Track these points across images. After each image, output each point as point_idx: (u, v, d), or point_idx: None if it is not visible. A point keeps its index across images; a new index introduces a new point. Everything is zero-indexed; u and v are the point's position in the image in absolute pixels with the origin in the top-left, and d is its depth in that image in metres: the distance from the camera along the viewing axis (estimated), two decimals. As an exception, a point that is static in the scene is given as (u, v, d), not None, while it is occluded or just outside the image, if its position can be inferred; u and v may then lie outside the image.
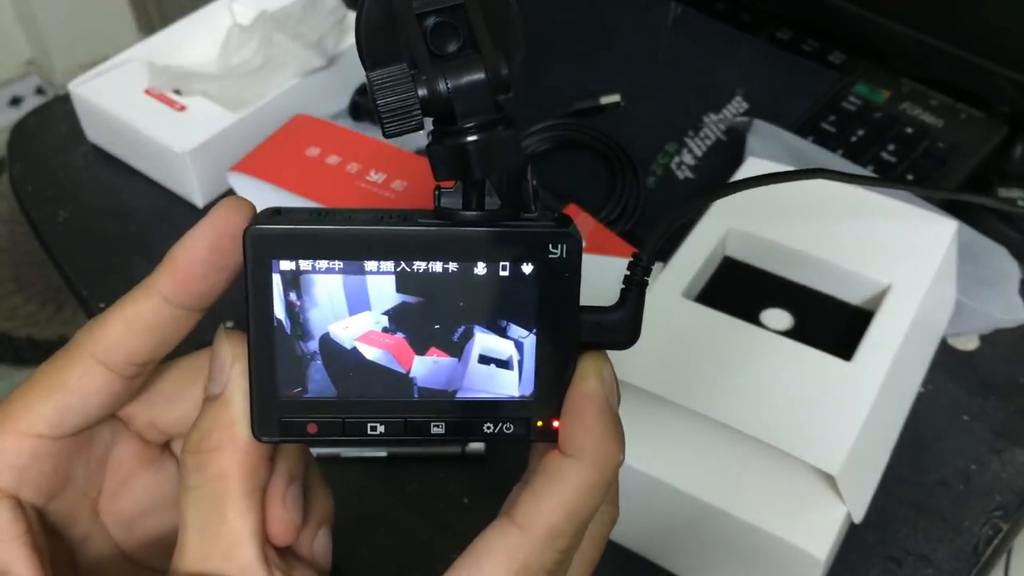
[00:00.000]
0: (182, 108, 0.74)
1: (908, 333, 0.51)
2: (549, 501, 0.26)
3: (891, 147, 0.71)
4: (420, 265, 0.28)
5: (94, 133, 0.79)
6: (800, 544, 0.46)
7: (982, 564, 0.53)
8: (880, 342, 0.51)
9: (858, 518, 0.48)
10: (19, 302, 1.80)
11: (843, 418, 0.47)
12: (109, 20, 2.09)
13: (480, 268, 0.28)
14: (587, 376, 0.28)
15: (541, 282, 0.28)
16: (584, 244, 0.29)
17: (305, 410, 0.28)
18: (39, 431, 0.28)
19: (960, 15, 0.69)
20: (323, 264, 0.27)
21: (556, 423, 0.29)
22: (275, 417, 0.28)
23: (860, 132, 0.72)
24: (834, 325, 0.55)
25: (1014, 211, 0.66)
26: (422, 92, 0.25)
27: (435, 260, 0.28)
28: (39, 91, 2.23)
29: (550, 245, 0.28)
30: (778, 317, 0.55)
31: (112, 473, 0.32)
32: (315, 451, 0.58)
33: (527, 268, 0.28)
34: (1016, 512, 0.55)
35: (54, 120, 0.82)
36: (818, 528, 0.47)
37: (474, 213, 0.28)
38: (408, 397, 0.28)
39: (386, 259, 0.27)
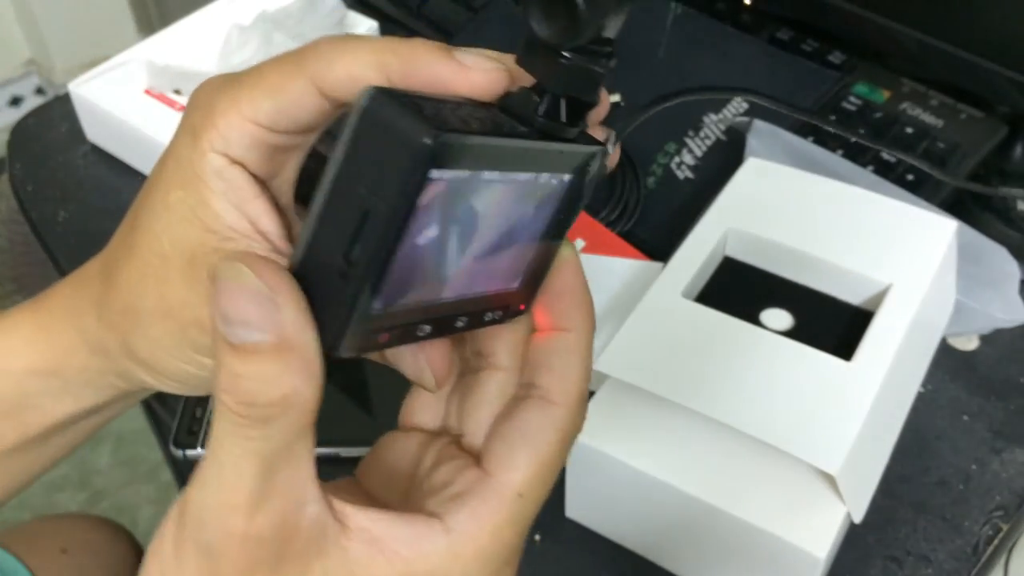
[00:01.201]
0: (182, 108, 0.73)
1: (908, 333, 0.51)
2: (578, 373, 0.30)
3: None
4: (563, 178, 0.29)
5: (94, 133, 0.79)
6: (800, 544, 0.46)
7: (982, 564, 0.53)
8: (880, 342, 0.51)
9: (858, 518, 0.48)
10: (19, 302, 1.80)
11: (843, 418, 0.47)
12: (109, 20, 2.09)
13: (566, 179, 0.29)
14: (574, 260, 0.31)
15: (575, 189, 0.30)
16: (584, 244, 0.29)
17: (388, 320, 0.26)
18: (259, 121, 0.30)
19: (960, 15, 0.69)
20: (491, 177, 0.26)
21: (523, 306, 0.31)
22: (364, 333, 0.26)
23: (860, 132, 0.72)
24: (834, 325, 0.55)
25: (1013, 195, 0.66)
26: None
27: (566, 175, 0.29)
28: (39, 91, 2.23)
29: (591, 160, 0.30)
30: (778, 317, 0.55)
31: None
32: (316, 451, 0.58)
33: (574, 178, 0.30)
34: (1016, 512, 0.55)
35: (54, 120, 0.82)
36: (818, 528, 0.47)
37: (575, 130, 0.29)
38: (454, 298, 0.29)
39: (539, 172, 0.28)
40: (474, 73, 0.28)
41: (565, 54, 0.27)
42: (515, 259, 0.30)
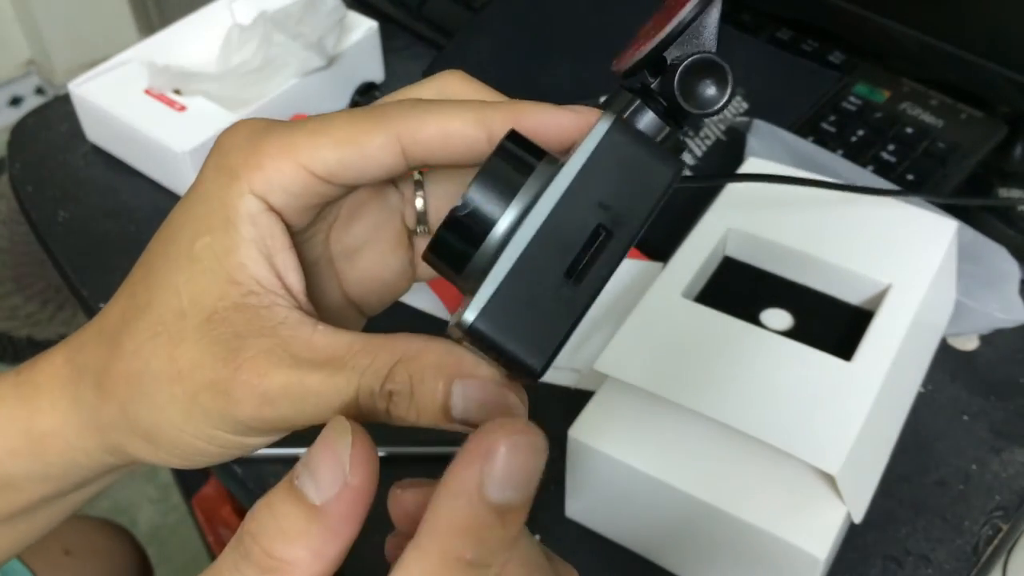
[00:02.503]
0: (182, 108, 0.74)
1: (908, 333, 0.51)
2: None
3: (891, 147, 0.71)
4: None
5: (94, 133, 0.79)
6: (800, 544, 0.46)
7: (982, 564, 0.53)
8: (880, 342, 0.51)
9: (858, 518, 0.48)
10: (19, 302, 1.80)
11: (843, 418, 0.47)
12: (109, 20, 2.09)
13: None
14: None
15: None
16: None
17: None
18: (316, 170, 0.29)
19: (961, 15, 0.69)
20: None
21: None
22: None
23: (860, 132, 0.72)
24: (834, 325, 0.55)
25: (1007, 204, 0.66)
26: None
27: None
28: (39, 91, 2.23)
29: None
30: (778, 317, 0.55)
31: (348, 200, 0.33)
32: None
33: None
34: (1016, 512, 0.55)
35: (54, 120, 0.82)
36: (818, 528, 0.47)
37: None
38: None
39: None
40: (586, 117, 0.29)
41: (686, 126, 0.30)
42: None
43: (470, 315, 0.25)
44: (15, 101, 2.22)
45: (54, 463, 0.33)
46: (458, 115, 0.29)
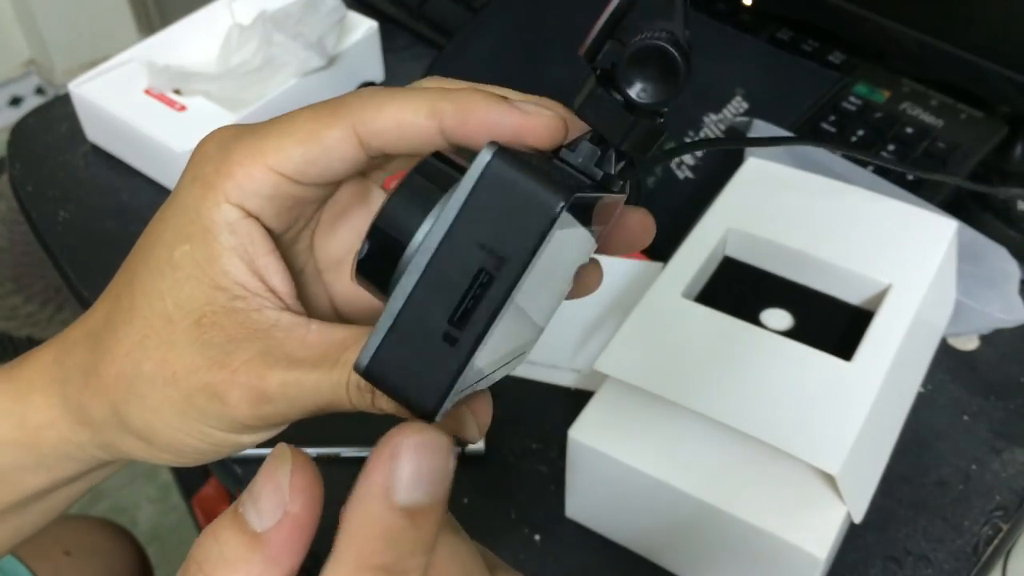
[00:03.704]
0: (182, 108, 0.74)
1: (908, 333, 0.51)
2: None
3: (891, 147, 0.71)
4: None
5: (94, 133, 0.79)
6: (800, 544, 0.46)
7: (982, 564, 0.53)
8: (880, 342, 0.51)
9: (858, 518, 0.48)
10: (19, 302, 1.80)
11: (843, 418, 0.47)
12: (109, 20, 2.09)
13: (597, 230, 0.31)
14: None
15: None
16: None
17: (471, 378, 0.26)
18: (284, 171, 0.29)
19: (960, 15, 0.69)
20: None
21: None
22: (456, 393, 0.25)
23: (860, 132, 0.72)
24: (834, 325, 0.55)
25: (1006, 196, 0.66)
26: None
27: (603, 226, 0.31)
28: (39, 91, 2.23)
29: None
30: (778, 317, 0.55)
31: (330, 207, 0.33)
32: (314, 451, 0.58)
33: None
34: (1016, 512, 0.55)
35: (54, 120, 0.82)
36: (818, 528, 0.47)
37: (621, 182, 0.30)
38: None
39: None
40: (536, 119, 0.28)
41: (658, 117, 0.28)
42: None
43: (363, 359, 0.25)
44: (15, 101, 2.22)
45: (48, 454, 0.33)
46: (410, 105, 0.29)
